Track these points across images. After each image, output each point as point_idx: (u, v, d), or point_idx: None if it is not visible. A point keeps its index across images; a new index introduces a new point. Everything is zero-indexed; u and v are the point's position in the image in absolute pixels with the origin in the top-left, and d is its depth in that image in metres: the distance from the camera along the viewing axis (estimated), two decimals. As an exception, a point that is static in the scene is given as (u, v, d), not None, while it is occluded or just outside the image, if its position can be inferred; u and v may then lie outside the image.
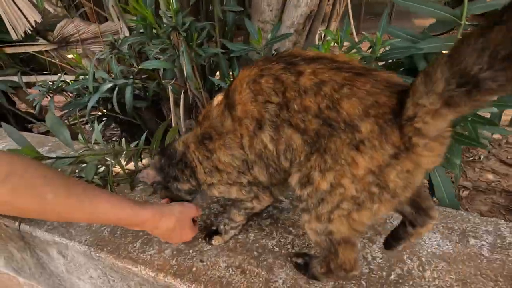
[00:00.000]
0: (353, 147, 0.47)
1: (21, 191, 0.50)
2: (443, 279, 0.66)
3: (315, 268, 0.65)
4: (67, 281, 1.00)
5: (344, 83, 0.48)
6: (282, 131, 0.54)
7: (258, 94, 0.55)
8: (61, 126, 0.87)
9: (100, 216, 0.59)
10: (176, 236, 0.71)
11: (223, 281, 0.69)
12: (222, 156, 0.63)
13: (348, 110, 0.47)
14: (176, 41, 1.16)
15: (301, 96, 0.51)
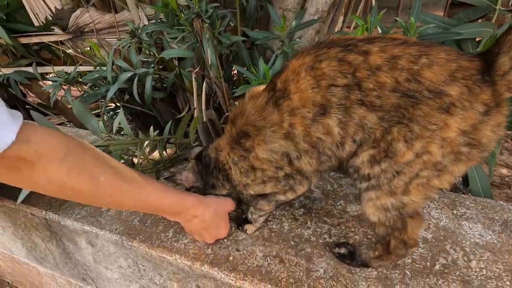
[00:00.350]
0: (444, 110, 0.48)
1: (77, 171, 0.50)
2: (490, 269, 0.65)
3: (365, 254, 0.64)
4: (94, 271, 0.99)
5: (419, 54, 0.49)
6: (353, 112, 0.52)
7: (321, 79, 0.53)
8: (88, 114, 0.86)
9: (147, 200, 0.59)
10: (212, 231, 0.70)
11: (262, 270, 0.67)
12: (260, 152, 0.61)
13: (430, 78, 0.48)
14: (198, 29, 1.13)
15: (375, 74, 0.50)
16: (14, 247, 1.19)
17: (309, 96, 0.54)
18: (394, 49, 0.50)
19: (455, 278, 0.63)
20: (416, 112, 0.49)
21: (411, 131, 0.50)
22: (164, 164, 1.02)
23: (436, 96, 0.48)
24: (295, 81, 0.56)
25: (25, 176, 0.47)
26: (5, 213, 1.03)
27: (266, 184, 0.65)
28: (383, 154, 0.53)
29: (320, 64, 0.53)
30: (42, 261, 1.15)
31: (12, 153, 0.43)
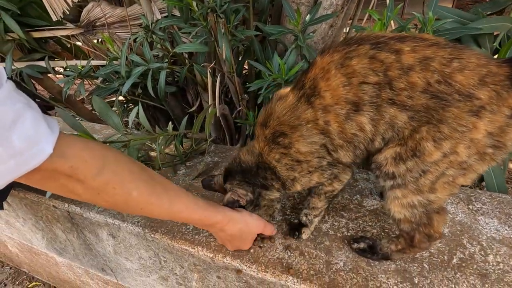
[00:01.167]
0: (473, 113, 0.50)
1: (111, 186, 0.51)
2: (507, 263, 0.66)
3: (387, 247, 0.66)
4: (113, 262, 1.02)
5: (451, 58, 0.50)
6: (384, 111, 0.54)
7: (352, 77, 0.54)
8: (109, 110, 0.87)
9: (176, 215, 0.61)
10: (235, 243, 0.71)
11: (283, 262, 0.69)
12: (301, 146, 0.62)
13: (461, 82, 0.50)
14: (213, 23, 1.13)
15: (407, 73, 0.51)
16: (34, 238, 1.23)
17: (341, 94, 0.55)
18: (426, 50, 0.51)
19: (472, 271, 0.65)
20: (446, 114, 0.51)
21: (441, 131, 0.51)
22: (181, 158, 1.03)
23: (466, 99, 0.50)
24: (325, 79, 0.56)
25: (63, 186, 0.49)
26: (27, 206, 1.06)
27: (312, 174, 0.66)
28: (410, 152, 0.54)
29: (350, 61, 0.54)
30: (62, 251, 1.18)
31: (49, 166, 0.44)
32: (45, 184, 0.48)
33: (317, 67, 0.58)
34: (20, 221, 1.17)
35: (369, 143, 0.58)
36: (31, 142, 0.41)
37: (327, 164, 0.65)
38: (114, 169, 0.51)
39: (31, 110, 0.42)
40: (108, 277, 1.14)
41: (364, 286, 0.63)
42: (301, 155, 0.63)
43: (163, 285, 0.96)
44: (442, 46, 0.51)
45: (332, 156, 0.63)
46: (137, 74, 1.28)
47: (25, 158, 0.40)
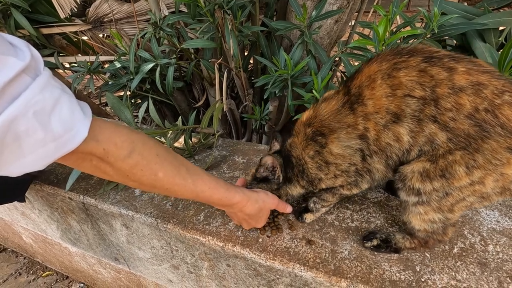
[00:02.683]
0: (510, 150, 0.50)
1: (139, 168, 0.54)
2: (506, 253, 0.68)
3: (401, 243, 0.69)
4: (126, 251, 1.07)
5: (504, 90, 0.50)
6: (426, 126, 0.54)
7: (397, 89, 0.54)
8: (121, 106, 0.90)
9: (199, 194, 0.64)
10: (251, 222, 0.74)
11: (290, 251, 0.73)
12: (334, 148, 0.65)
13: (508, 117, 0.49)
14: (220, 19, 1.15)
15: (457, 94, 0.51)
16: (49, 229, 1.28)
17: (383, 104, 0.56)
18: (480, 76, 0.51)
19: (472, 260, 0.68)
20: (484, 145, 0.51)
21: (475, 160, 0.52)
22: (190, 152, 1.07)
23: (507, 135, 0.49)
24: (370, 88, 0.57)
25: (95, 166, 0.52)
26: (42, 197, 1.10)
27: (337, 178, 0.69)
28: (439, 172, 0.55)
29: (398, 72, 0.54)
30: (76, 242, 1.23)
31: (84, 149, 0.47)
32: (80, 164, 0.51)
33: (364, 75, 0.58)
34: (35, 212, 1.22)
35: (405, 153, 0.59)
36: (68, 126, 0.43)
37: (354, 171, 0.67)
38: (142, 152, 0.54)
39: (67, 96, 0.44)
40: (120, 266, 1.19)
41: (368, 273, 0.66)
42: (332, 156, 0.65)
43: (174, 273, 1.00)
44: (496, 76, 0.51)
45: (365, 162, 0.64)
46: (146, 70, 1.30)
47: (63, 141, 0.43)
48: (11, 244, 1.76)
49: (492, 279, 0.63)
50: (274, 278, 0.75)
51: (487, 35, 1.01)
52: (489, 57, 0.96)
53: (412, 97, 0.53)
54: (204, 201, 0.68)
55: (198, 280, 0.95)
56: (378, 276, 0.65)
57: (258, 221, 0.75)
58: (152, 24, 1.26)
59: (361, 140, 0.62)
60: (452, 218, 0.61)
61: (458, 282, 0.63)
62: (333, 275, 0.66)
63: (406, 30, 0.95)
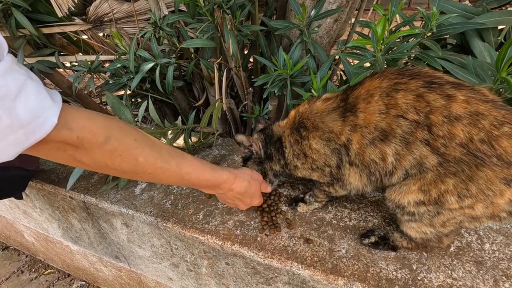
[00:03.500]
0: (506, 182, 0.50)
1: (117, 154, 0.53)
2: (503, 251, 0.69)
3: (399, 242, 0.70)
4: (127, 249, 1.08)
5: (504, 121, 0.49)
6: (415, 149, 0.54)
7: (392, 108, 0.55)
8: (121, 105, 0.91)
9: (184, 176, 0.62)
10: (246, 200, 0.75)
11: (288, 250, 0.73)
12: (313, 143, 0.67)
13: (506, 148, 0.49)
14: (219, 19, 1.15)
15: (452, 123, 0.50)
16: (50, 228, 1.29)
17: (374, 120, 0.57)
18: (480, 105, 0.50)
19: (469, 259, 0.68)
20: (479, 173, 0.50)
21: (468, 189, 0.52)
22: (190, 151, 1.07)
23: (504, 166, 0.49)
24: (366, 101, 0.58)
25: (71, 157, 0.50)
26: (44, 196, 1.11)
27: (314, 171, 0.71)
28: (433, 201, 0.56)
29: (396, 93, 0.55)
30: (77, 240, 1.24)
31: (56, 137, 0.45)
32: (55, 155, 0.49)
33: (364, 88, 0.59)
34: (37, 211, 1.23)
35: (388, 175, 0.60)
36: (36, 113, 0.42)
37: (329, 173, 0.69)
38: (119, 137, 0.52)
39: (34, 82, 0.43)
40: (121, 264, 1.20)
41: (365, 271, 0.67)
42: (309, 150, 0.68)
43: (174, 271, 1.01)
44: (497, 106, 0.51)
45: (340, 171, 0.66)
46: (146, 70, 1.31)
47: (32, 128, 0.41)
48: (13, 242, 1.77)
49: (488, 277, 0.64)
50: (273, 276, 0.76)
51: (486, 34, 1.01)
52: (487, 56, 0.96)
53: (405, 118, 0.54)
54: (190, 184, 0.66)
55: (198, 278, 0.96)
56: (375, 274, 0.66)
57: (253, 198, 0.75)
58: (152, 24, 1.26)
59: (340, 147, 0.63)
60: (443, 231, 0.63)
61: (454, 280, 0.64)
62: (330, 273, 0.67)
63: (405, 30, 0.95)
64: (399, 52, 0.90)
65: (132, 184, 0.99)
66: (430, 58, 0.92)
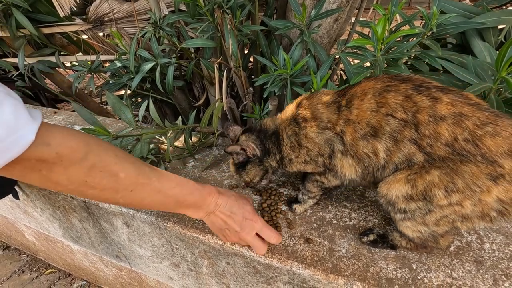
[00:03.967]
0: (491, 178, 0.52)
1: (97, 170, 0.51)
2: (502, 251, 0.69)
3: (398, 241, 0.70)
4: (127, 249, 1.08)
5: (487, 122, 0.52)
6: (403, 146, 0.57)
7: (382, 106, 0.59)
8: (122, 105, 0.91)
9: (168, 192, 0.60)
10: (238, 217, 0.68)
11: (288, 249, 0.74)
12: (310, 132, 0.68)
13: (490, 147, 0.51)
14: (219, 19, 1.15)
15: (437, 123, 0.54)
16: (51, 227, 1.29)
17: (366, 116, 0.60)
18: (464, 107, 0.53)
19: (468, 258, 0.68)
20: (463, 168, 0.53)
21: (454, 183, 0.54)
22: (190, 151, 1.08)
23: (488, 163, 0.51)
24: (360, 99, 0.62)
25: (46, 177, 0.48)
26: (44, 196, 1.11)
27: (307, 164, 0.72)
28: (421, 196, 0.57)
29: (387, 93, 0.59)
30: (78, 240, 1.25)
31: (32, 154, 0.44)
32: (27, 175, 0.47)
33: (360, 87, 0.64)
34: (38, 211, 1.23)
35: (380, 169, 0.63)
36: (11, 129, 0.41)
37: (322, 163, 0.70)
38: (99, 153, 0.51)
39: (11, 99, 0.42)
40: (122, 264, 1.20)
41: (365, 271, 0.67)
42: (305, 139, 0.69)
43: (175, 271, 1.02)
44: (482, 109, 0.53)
45: (332, 161, 0.68)
46: (146, 70, 1.31)
47: (7, 145, 0.40)
48: (14, 242, 1.78)
49: (487, 276, 0.64)
50: (273, 275, 0.76)
51: (486, 34, 1.01)
52: (487, 56, 0.96)
53: (393, 117, 0.57)
54: (173, 204, 0.63)
55: (198, 277, 0.97)
56: (375, 274, 0.66)
57: (247, 217, 0.69)
58: (152, 24, 1.26)
59: (335, 135, 0.66)
60: (438, 230, 0.63)
61: (454, 279, 0.64)
62: (330, 273, 0.67)
63: (405, 30, 0.95)
64: (399, 51, 0.90)
65: (132, 184, 0.99)
66: (430, 58, 0.92)
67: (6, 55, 1.88)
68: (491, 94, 0.82)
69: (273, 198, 0.87)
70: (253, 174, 0.82)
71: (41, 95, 2.23)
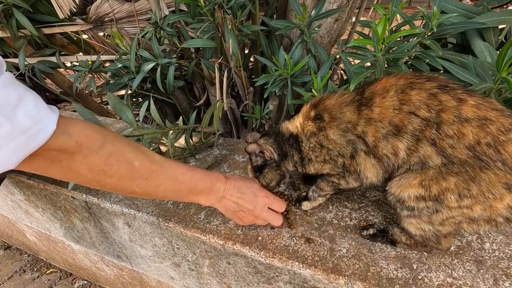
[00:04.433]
0: (507, 186, 0.51)
1: (115, 158, 0.54)
2: (503, 251, 0.69)
3: (398, 236, 0.70)
4: (129, 249, 1.08)
5: (511, 128, 0.52)
6: (422, 146, 0.56)
7: (405, 104, 0.57)
8: (123, 106, 0.91)
9: (179, 178, 0.63)
10: (250, 197, 0.71)
11: (289, 249, 0.74)
12: (330, 133, 0.67)
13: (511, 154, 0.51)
14: (220, 19, 1.15)
15: (461, 123, 0.52)
16: (53, 227, 1.30)
17: (388, 114, 0.58)
18: (489, 112, 0.53)
19: (469, 258, 0.69)
20: (482, 175, 0.52)
21: (469, 190, 0.53)
22: (191, 151, 1.08)
23: (507, 171, 0.51)
24: (381, 96, 0.60)
25: (67, 168, 0.50)
26: (46, 196, 1.12)
27: (326, 163, 0.71)
28: (433, 197, 0.57)
29: (411, 90, 0.57)
30: (79, 240, 1.25)
31: (53, 144, 0.46)
32: (49, 167, 0.49)
33: (380, 84, 0.62)
34: (39, 211, 1.24)
35: (395, 169, 0.62)
36: (35, 119, 0.44)
37: (342, 164, 0.69)
38: (114, 142, 0.54)
39: (32, 94, 0.45)
40: (123, 264, 1.21)
41: (366, 271, 0.67)
42: (326, 140, 0.68)
43: (176, 270, 1.02)
44: (505, 115, 0.53)
45: (354, 161, 0.66)
46: (147, 70, 1.31)
47: (32, 134, 0.43)
48: (15, 242, 1.78)
49: (488, 276, 0.64)
50: (274, 275, 0.76)
51: (487, 34, 1.01)
52: (488, 56, 0.96)
53: (416, 116, 0.56)
54: (186, 191, 0.65)
55: (199, 277, 0.97)
56: (376, 274, 0.66)
57: (257, 195, 0.72)
58: (152, 24, 1.26)
59: (357, 138, 0.64)
60: (442, 230, 0.63)
61: (454, 279, 0.64)
62: (331, 272, 0.67)
63: (405, 30, 0.95)
64: (400, 51, 0.90)
65: (133, 184, 1.00)
66: (431, 58, 0.92)
67: (6, 55, 1.88)
68: (491, 94, 0.82)
69: None
70: (270, 178, 0.80)
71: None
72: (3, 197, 1.34)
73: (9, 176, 1.15)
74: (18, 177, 1.12)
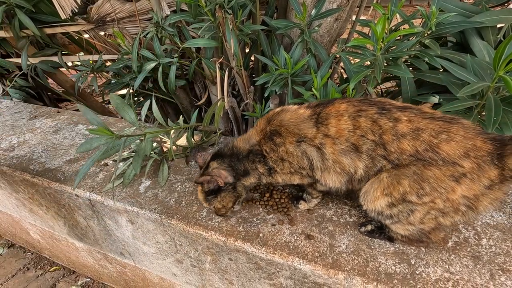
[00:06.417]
0: (454, 178, 0.59)
1: None
2: (499, 247, 0.71)
3: (395, 234, 0.72)
4: (131, 246, 1.10)
5: (441, 130, 0.60)
6: (378, 162, 0.65)
7: (357, 129, 0.65)
8: (125, 105, 0.92)
9: None
10: None
11: (290, 245, 0.75)
12: (289, 147, 0.72)
13: (447, 152, 0.59)
14: (221, 19, 1.16)
15: (399, 140, 0.61)
16: (56, 225, 1.31)
17: (344, 134, 0.66)
18: (420, 122, 0.61)
19: (466, 253, 0.70)
20: (427, 172, 0.60)
21: (423, 189, 0.61)
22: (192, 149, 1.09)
23: (449, 165, 0.58)
24: (336, 119, 0.67)
25: None
26: (50, 195, 1.13)
27: (293, 175, 0.76)
28: (401, 201, 0.65)
29: (359, 118, 0.65)
30: (82, 237, 1.27)
31: None
32: None
33: (334, 108, 0.69)
34: (43, 209, 1.25)
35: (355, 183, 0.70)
36: None
37: (306, 174, 0.74)
38: None
39: None
40: (126, 261, 1.22)
41: (364, 266, 0.69)
42: (286, 154, 0.73)
43: (178, 267, 1.04)
44: (436, 119, 0.61)
45: (313, 173, 0.72)
46: (149, 69, 1.33)
47: None
48: (19, 240, 1.80)
49: (484, 271, 0.66)
50: (275, 271, 0.78)
51: (485, 33, 1.02)
52: (486, 54, 0.97)
53: (367, 138, 0.64)
54: None
55: (201, 273, 0.99)
56: (374, 269, 0.68)
57: None
58: (154, 24, 1.28)
59: (316, 151, 0.70)
60: (424, 227, 0.67)
61: (451, 274, 0.66)
62: (331, 268, 0.69)
63: (404, 29, 0.96)
64: (399, 51, 0.91)
65: (136, 182, 1.01)
66: (430, 57, 0.93)
67: (9, 55, 1.90)
68: (489, 92, 0.83)
69: (276, 196, 0.89)
70: (227, 201, 0.80)
71: (44, 94, 2.24)
72: (7, 195, 1.35)
73: (13, 174, 1.17)
74: (22, 176, 1.14)
